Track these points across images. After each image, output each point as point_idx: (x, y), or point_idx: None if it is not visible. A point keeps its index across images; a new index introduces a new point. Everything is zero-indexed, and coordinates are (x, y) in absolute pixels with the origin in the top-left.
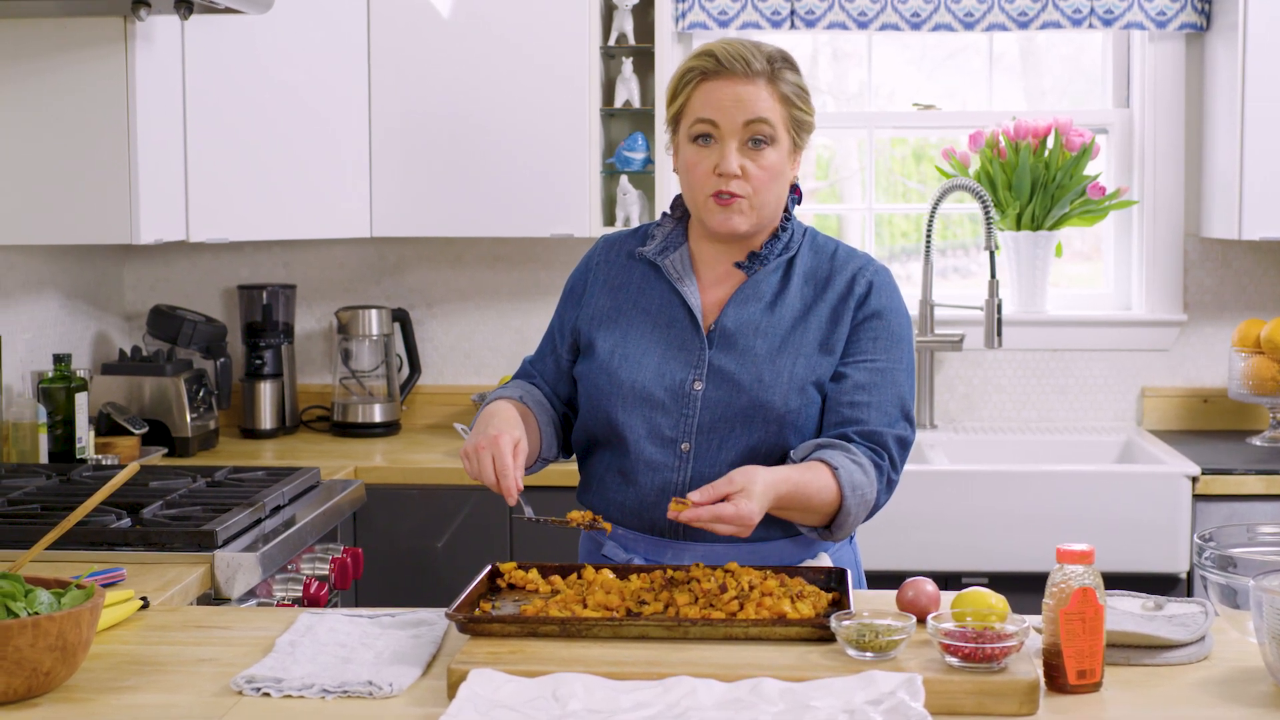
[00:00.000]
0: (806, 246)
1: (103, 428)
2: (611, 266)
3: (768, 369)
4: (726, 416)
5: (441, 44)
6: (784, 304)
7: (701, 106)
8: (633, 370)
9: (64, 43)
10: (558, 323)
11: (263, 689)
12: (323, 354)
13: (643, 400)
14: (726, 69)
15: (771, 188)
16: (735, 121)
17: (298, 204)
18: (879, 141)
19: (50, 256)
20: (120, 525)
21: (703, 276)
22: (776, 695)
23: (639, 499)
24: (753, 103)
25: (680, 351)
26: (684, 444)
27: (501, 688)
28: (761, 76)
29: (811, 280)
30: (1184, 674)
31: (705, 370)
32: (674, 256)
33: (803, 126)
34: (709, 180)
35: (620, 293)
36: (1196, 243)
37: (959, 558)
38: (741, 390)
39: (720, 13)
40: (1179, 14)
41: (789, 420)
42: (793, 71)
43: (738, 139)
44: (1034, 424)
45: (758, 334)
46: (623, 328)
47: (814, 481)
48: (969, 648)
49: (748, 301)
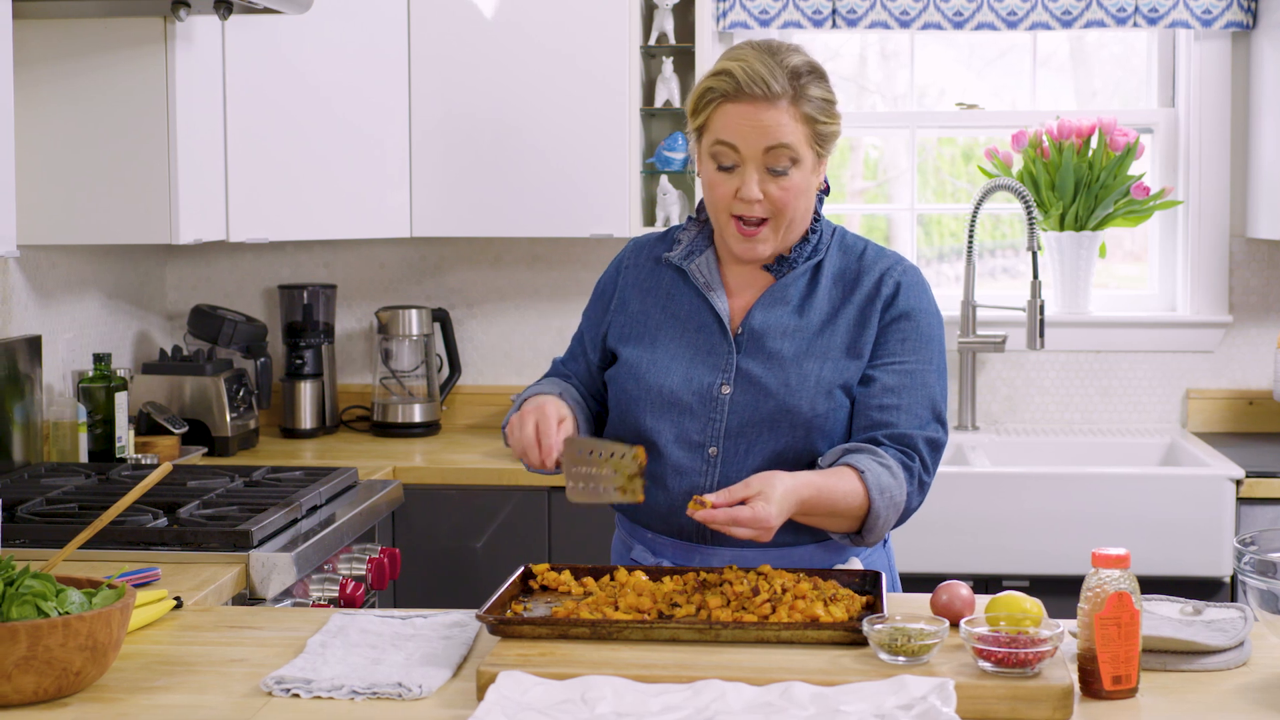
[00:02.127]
0: (835, 248)
1: (143, 427)
2: (640, 271)
3: (794, 373)
4: (754, 421)
5: (481, 44)
6: (812, 307)
7: (721, 129)
8: (661, 375)
9: (105, 43)
10: (587, 325)
11: (292, 690)
12: (363, 354)
13: (670, 405)
14: (745, 92)
15: (796, 206)
16: (756, 148)
17: (337, 204)
18: (928, 141)
19: (92, 256)
20: (157, 525)
21: (730, 280)
22: (807, 699)
23: (668, 503)
24: (774, 129)
25: (708, 356)
26: (711, 448)
27: (530, 690)
28: (783, 98)
29: (840, 282)
30: (1222, 680)
31: (733, 374)
32: (700, 261)
33: (827, 139)
34: (730, 203)
35: (649, 297)
36: (1242, 243)
37: (1000, 560)
38: (769, 394)
39: (761, 12)
40: (1225, 12)
41: (816, 425)
42: (818, 84)
43: (758, 164)
44: (1077, 426)
45: (785, 337)
46: (651, 333)
47: (839, 486)
48: (1002, 652)
49: (775, 305)
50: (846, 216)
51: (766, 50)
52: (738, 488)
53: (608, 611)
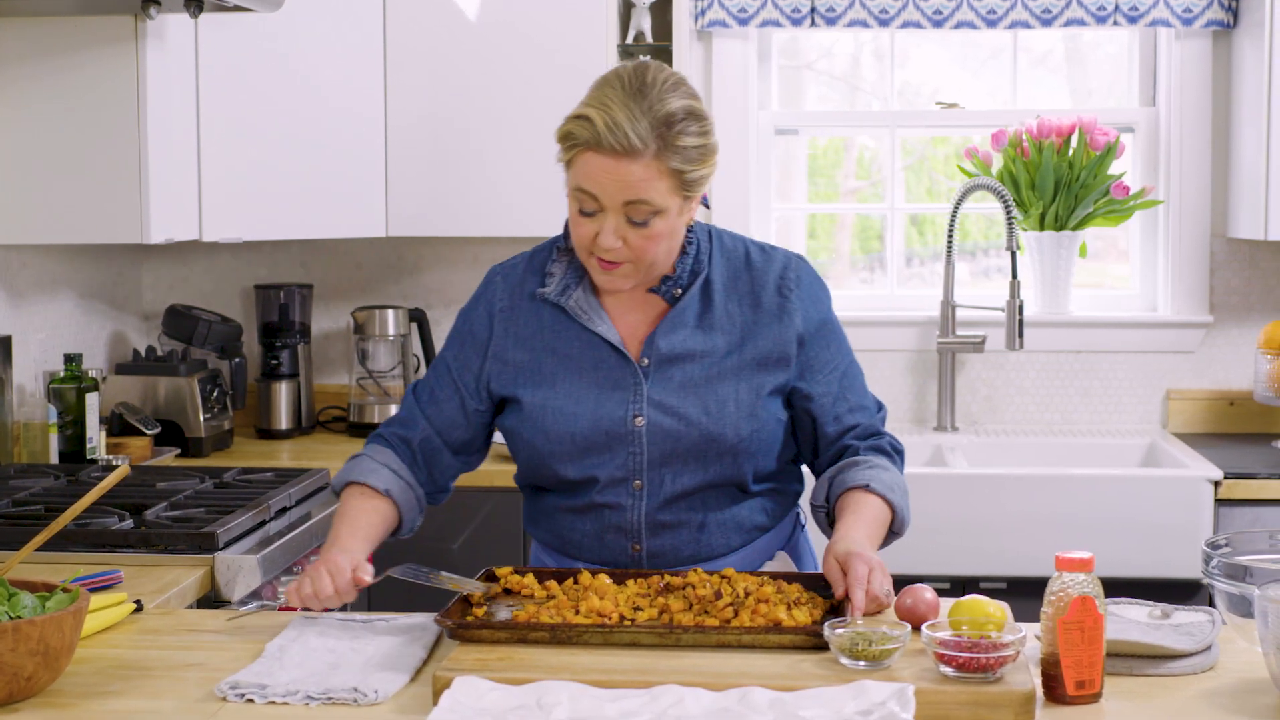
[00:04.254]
0: (718, 255)
1: (115, 428)
2: (516, 314)
3: (712, 399)
4: (677, 451)
5: (458, 43)
6: (713, 324)
7: (582, 176)
8: (568, 422)
9: (75, 41)
10: (458, 368)
11: (247, 695)
12: (340, 354)
13: (584, 449)
14: (604, 144)
15: (658, 250)
16: (615, 200)
17: (312, 203)
18: (923, 141)
19: (65, 256)
20: (122, 527)
21: (611, 306)
22: (765, 705)
23: (597, 535)
24: (633, 184)
25: (614, 390)
26: (636, 481)
27: (485, 695)
28: (644, 153)
29: (734, 293)
30: (1188, 685)
31: (644, 404)
32: (577, 294)
33: (696, 184)
34: (591, 244)
35: (534, 342)
36: (1223, 243)
37: (978, 562)
38: (690, 424)
39: (740, 10)
40: (1205, 11)
41: (742, 449)
42: (688, 133)
43: (618, 214)
44: (1057, 427)
45: (694, 361)
46: (547, 379)
47: (869, 512)
48: (963, 657)
49: (675, 328)
50: (839, 216)
51: (636, 92)
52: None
53: (568, 615)
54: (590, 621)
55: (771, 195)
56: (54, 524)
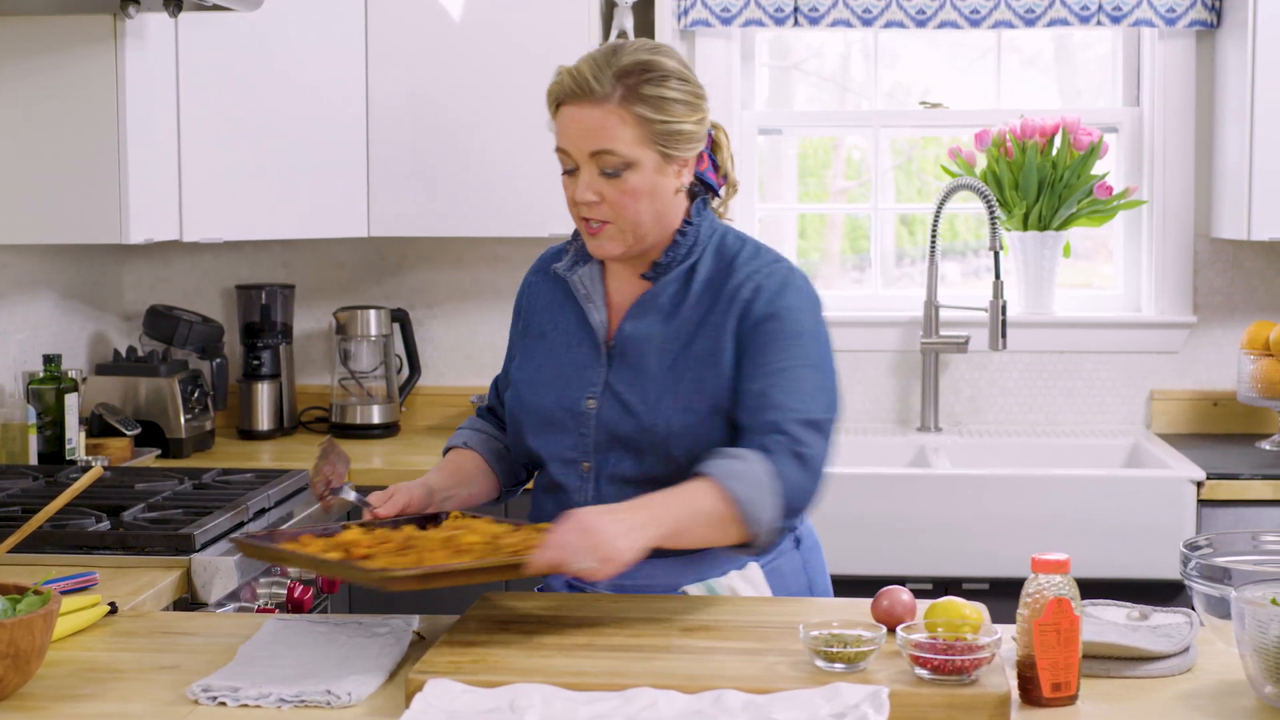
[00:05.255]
0: (711, 251)
1: (95, 429)
2: (540, 286)
3: (654, 388)
4: (618, 438)
5: (440, 42)
6: (681, 315)
7: (560, 134)
8: (538, 394)
9: (54, 40)
10: (509, 345)
11: (219, 698)
12: (322, 355)
13: (546, 423)
14: (572, 94)
15: (638, 208)
16: (582, 151)
17: (293, 203)
18: (914, 141)
19: (45, 256)
20: (99, 528)
21: (611, 288)
22: (739, 707)
23: (555, 515)
24: (597, 131)
25: (582, 370)
26: (585, 464)
27: (458, 698)
28: (608, 99)
29: (709, 291)
30: (1165, 687)
31: (601, 389)
32: (583, 271)
33: (674, 137)
34: (574, 207)
35: (544, 314)
36: (1207, 243)
37: (960, 563)
38: (629, 412)
39: (723, 9)
40: (1189, 10)
41: (675, 443)
42: (652, 84)
43: (590, 167)
44: (1040, 427)
45: (653, 350)
46: (536, 353)
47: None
48: (938, 659)
49: (645, 314)
50: (829, 216)
51: (609, 50)
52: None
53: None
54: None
55: (755, 195)
56: (25, 527)
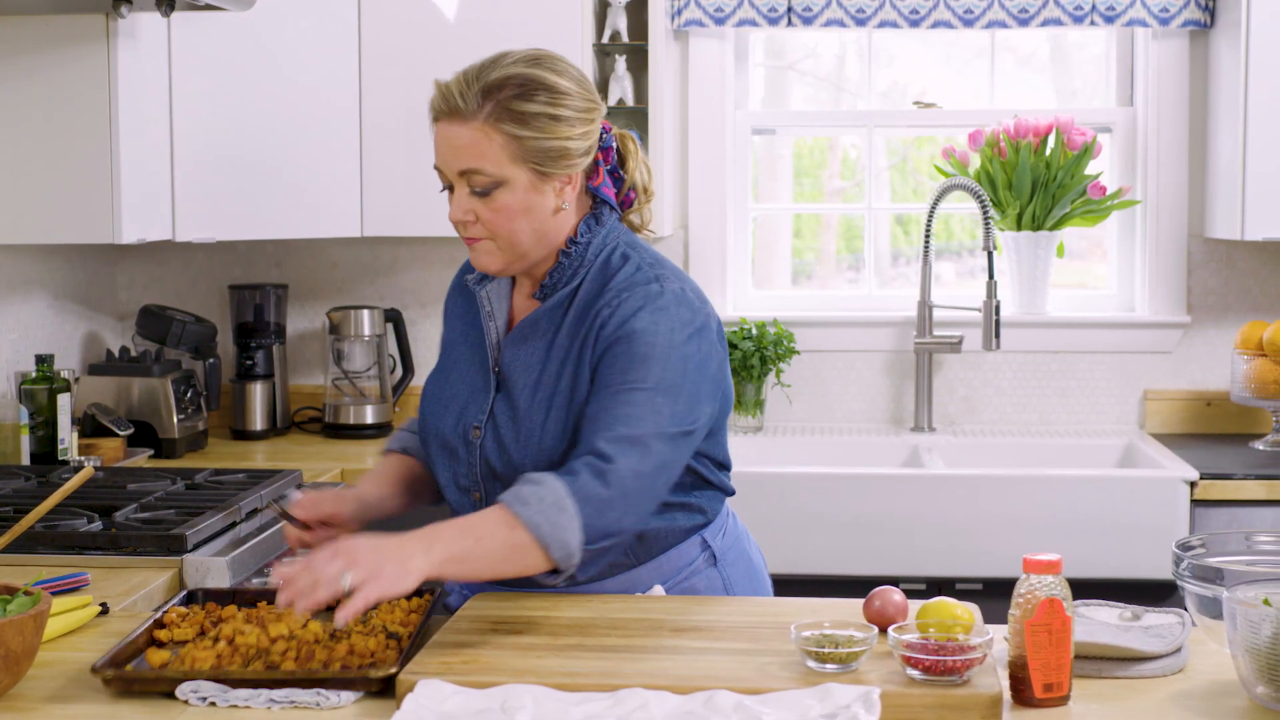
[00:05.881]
0: (597, 270)
1: (88, 429)
2: (457, 296)
3: (527, 419)
4: (503, 467)
5: (432, 40)
6: (555, 345)
7: (435, 149)
8: (438, 415)
9: (46, 40)
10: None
11: (209, 699)
12: (315, 354)
13: (442, 448)
14: (442, 110)
15: (513, 227)
16: (451, 168)
17: (287, 203)
18: (904, 142)
19: (38, 256)
20: (90, 528)
21: (517, 303)
22: (730, 708)
23: None
24: (464, 149)
25: (476, 394)
26: (475, 493)
27: (449, 699)
28: (476, 116)
29: (590, 309)
30: (1157, 687)
31: (487, 417)
32: (492, 286)
33: (548, 154)
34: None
35: (457, 326)
36: (1200, 243)
37: (954, 563)
38: (503, 447)
39: (716, 9)
40: (1182, 10)
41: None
42: (525, 99)
43: (460, 184)
44: (1034, 427)
45: (528, 380)
46: (445, 368)
47: (475, 520)
48: (929, 660)
49: (526, 340)
50: (824, 217)
51: (485, 64)
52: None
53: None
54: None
55: (748, 195)
56: (15, 527)
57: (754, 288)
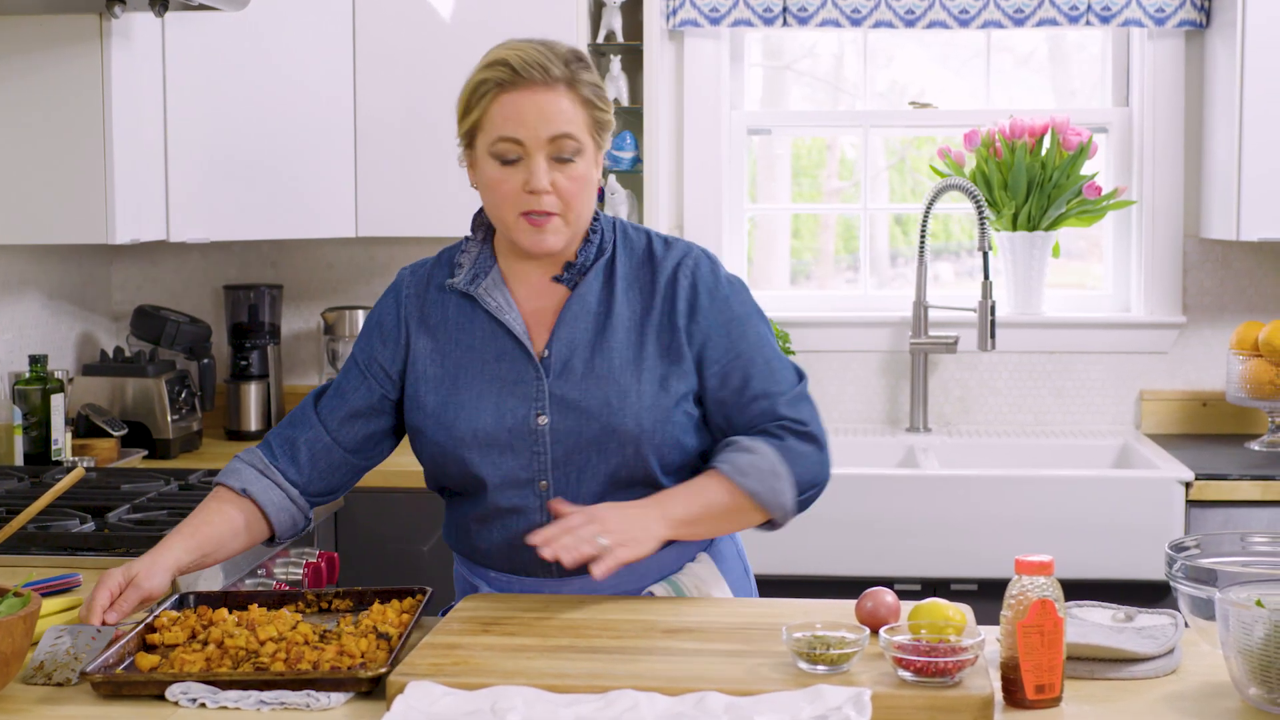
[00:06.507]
0: (620, 245)
1: (82, 429)
2: (423, 304)
3: (613, 390)
4: (580, 446)
5: (427, 40)
6: (614, 316)
7: (502, 123)
8: (470, 418)
9: (40, 40)
10: (365, 359)
11: (199, 700)
12: (310, 355)
13: (488, 446)
14: (524, 79)
15: (583, 198)
16: (540, 136)
17: (281, 203)
18: (902, 142)
19: (33, 257)
20: (83, 529)
21: (520, 296)
22: (721, 710)
23: (506, 542)
24: (555, 115)
25: (516, 385)
26: (541, 482)
27: (439, 700)
28: (561, 83)
29: (635, 285)
30: (1150, 688)
31: (547, 402)
32: (486, 283)
33: (604, 127)
34: (518, 199)
35: (438, 333)
36: (1196, 244)
37: (949, 564)
38: (590, 417)
39: (711, 9)
40: (1178, 10)
41: (645, 439)
42: (589, 70)
43: (544, 153)
44: (1030, 428)
45: (595, 353)
46: (450, 373)
47: (698, 487)
48: (921, 661)
49: (577, 319)
50: (822, 217)
51: (538, 40)
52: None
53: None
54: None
55: (744, 195)
56: (6, 528)
57: (751, 288)
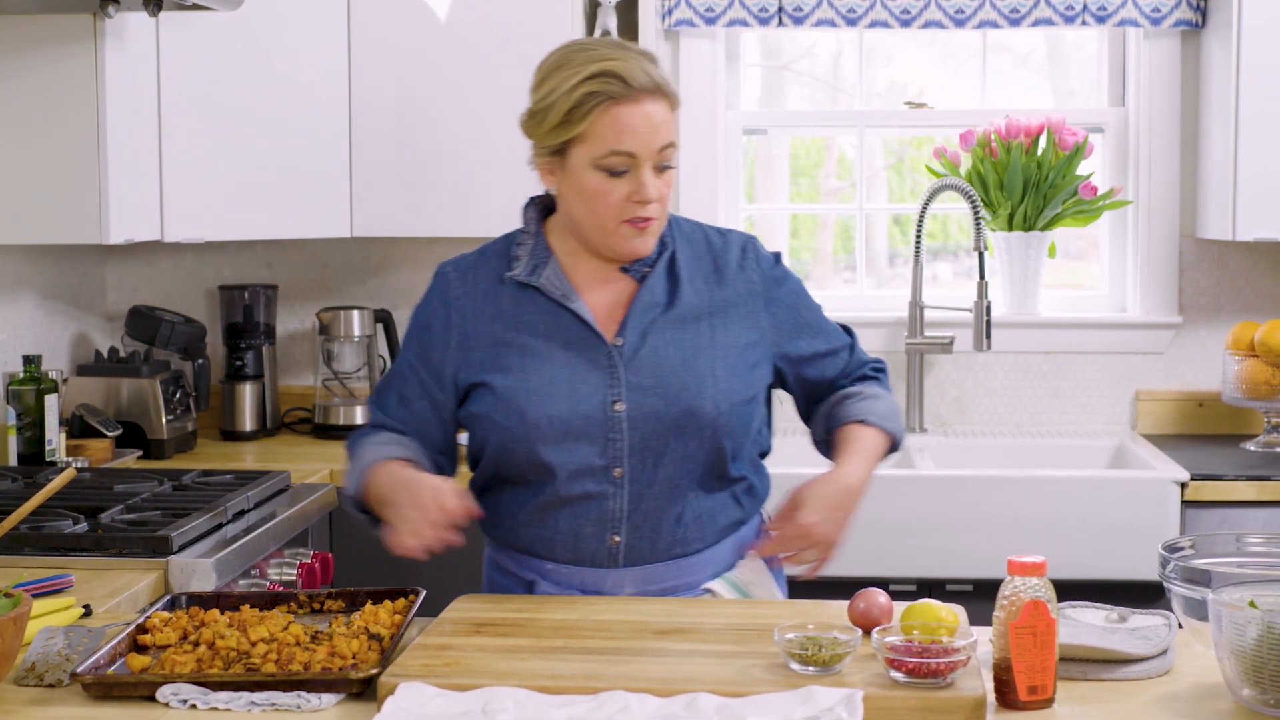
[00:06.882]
0: (679, 236)
1: (76, 430)
2: (476, 298)
3: (690, 375)
4: (658, 432)
5: (421, 40)
6: (682, 301)
7: (615, 136)
8: (543, 404)
9: (33, 40)
10: (420, 364)
11: (190, 701)
12: (305, 355)
13: (563, 434)
14: (635, 90)
15: (668, 200)
16: (651, 148)
17: (276, 203)
18: (900, 142)
19: (26, 257)
20: (76, 530)
21: (581, 287)
22: (712, 711)
23: (573, 532)
24: (661, 125)
25: (590, 372)
26: (616, 469)
27: (430, 702)
28: (660, 90)
29: (699, 274)
30: (1143, 689)
31: (623, 388)
32: (548, 274)
33: (676, 131)
34: (623, 208)
35: (495, 325)
36: (1192, 244)
37: (944, 564)
38: (669, 402)
39: (707, 9)
40: (1174, 10)
41: (721, 423)
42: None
43: (653, 164)
44: (1026, 428)
45: (669, 340)
46: (517, 361)
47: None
48: (913, 662)
49: (647, 309)
50: (820, 217)
51: (620, 45)
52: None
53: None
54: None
55: (740, 195)
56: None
57: None
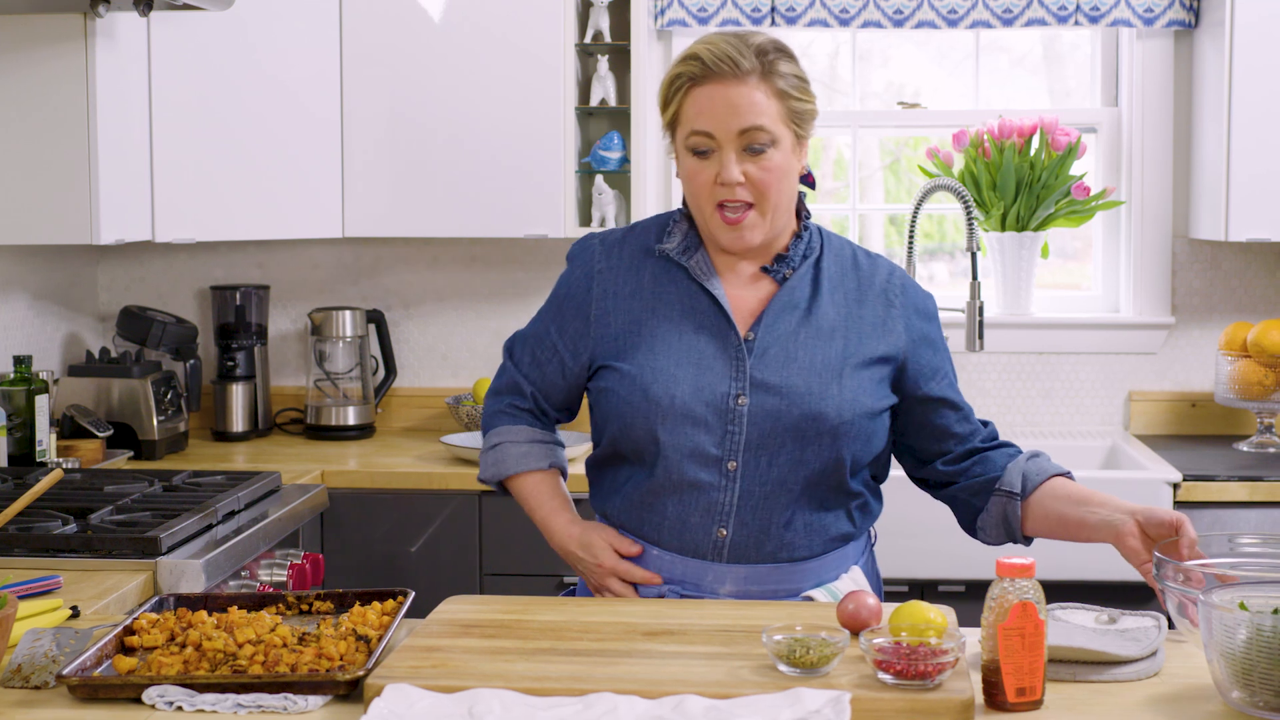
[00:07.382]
0: (828, 249)
1: (67, 430)
2: (619, 272)
3: (816, 381)
4: (776, 431)
5: (414, 40)
6: (820, 311)
7: (695, 116)
8: (668, 385)
9: (24, 40)
10: (558, 331)
11: (176, 703)
12: (297, 355)
13: (683, 418)
14: (714, 72)
15: (780, 189)
16: (730, 130)
17: (267, 204)
18: (896, 142)
19: (18, 257)
20: (65, 531)
21: (726, 280)
22: (700, 712)
23: (680, 519)
24: (746, 108)
25: (717, 361)
26: (730, 462)
27: (416, 704)
28: (753, 75)
29: (841, 287)
30: (1132, 691)
31: (748, 383)
32: (697, 258)
33: (804, 116)
34: (712, 190)
35: (635, 299)
36: (1185, 244)
37: (937, 565)
38: (792, 404)
39: (699, 9)
40: (1167, 10)
41: (843, 431)
42: (787, 61)
43: (735, 146)
44: (1019, 428)
45: (800, 344)
46: (647, 339)
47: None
48: (901, 664)
49: (784, 310)
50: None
51: (733, 33)
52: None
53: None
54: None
55: None
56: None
57: None
